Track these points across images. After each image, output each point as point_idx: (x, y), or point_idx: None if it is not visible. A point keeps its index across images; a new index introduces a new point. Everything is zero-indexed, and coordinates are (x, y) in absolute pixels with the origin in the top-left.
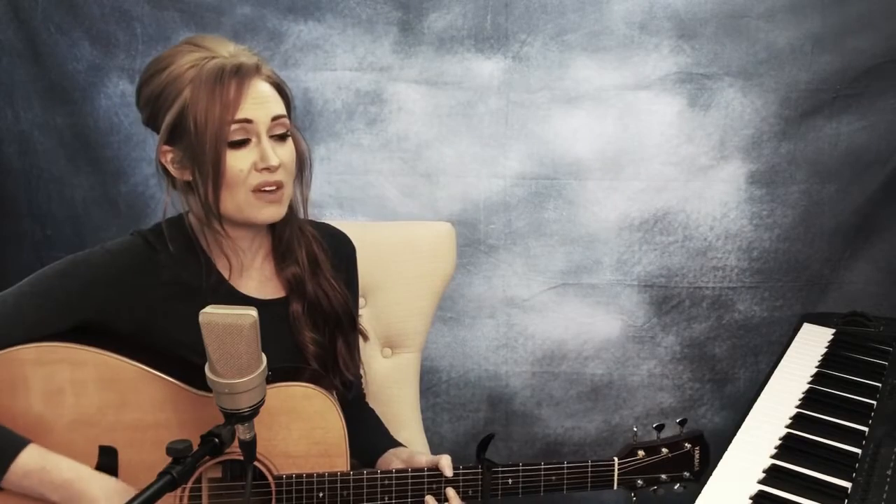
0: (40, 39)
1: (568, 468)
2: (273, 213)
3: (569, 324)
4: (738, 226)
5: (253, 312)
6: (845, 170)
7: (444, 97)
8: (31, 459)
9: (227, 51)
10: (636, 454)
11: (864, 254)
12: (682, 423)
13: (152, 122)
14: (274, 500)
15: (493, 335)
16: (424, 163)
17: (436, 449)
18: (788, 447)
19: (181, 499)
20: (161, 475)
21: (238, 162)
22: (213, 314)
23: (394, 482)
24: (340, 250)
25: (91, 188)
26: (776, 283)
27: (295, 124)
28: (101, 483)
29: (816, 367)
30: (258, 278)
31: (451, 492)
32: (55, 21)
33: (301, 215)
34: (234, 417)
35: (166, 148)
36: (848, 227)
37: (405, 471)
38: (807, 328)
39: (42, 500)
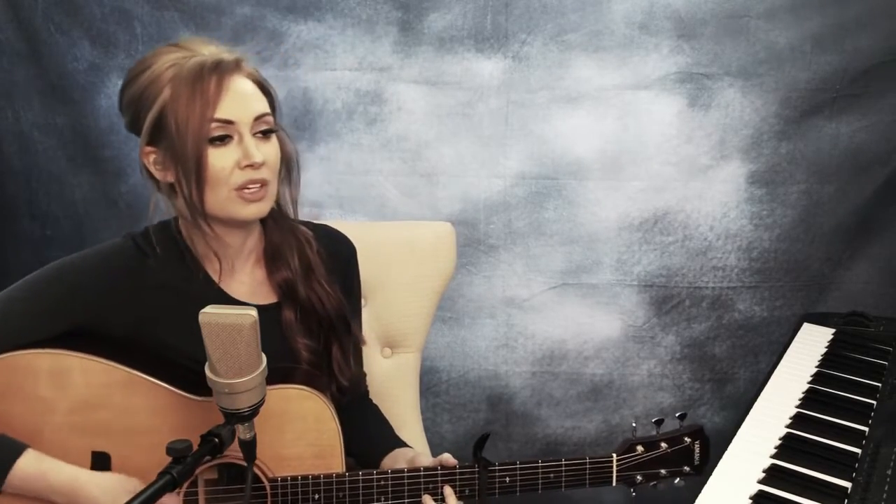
0: (40, 39)
1: (566, 465)
2: (256, 210)
3: (569, 324)
4: (738, 226)
5: (253, 312)
6: (845, 170)
7: (444, 97)
8: (29, 465)
9: (208, 50)
10: (635, 450)
11: (864, 254)
12: (681, 418)
13: (134, 125)
14: (269, 503)
15: (493, 335)
16: (424, 163)
17: (436, 449)
18: (788, 447)
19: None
20: (161, 475)
21: (220, 160)
22: (213, 314)
23: (390, 482)
24: (338, 252)
25: (91, 188)
26: (776, 283)
27: (281, 124)
28: (98, 482)
29: (816, 367)
30: (250, 283)
31: (447, 489)
32: (55, 21)
33: (291, 216)
34: (234, 417)
35: (149, 149)
36: (848, 227)
37: (401, 471)
38: (807, 328)
39: (46, 502)
